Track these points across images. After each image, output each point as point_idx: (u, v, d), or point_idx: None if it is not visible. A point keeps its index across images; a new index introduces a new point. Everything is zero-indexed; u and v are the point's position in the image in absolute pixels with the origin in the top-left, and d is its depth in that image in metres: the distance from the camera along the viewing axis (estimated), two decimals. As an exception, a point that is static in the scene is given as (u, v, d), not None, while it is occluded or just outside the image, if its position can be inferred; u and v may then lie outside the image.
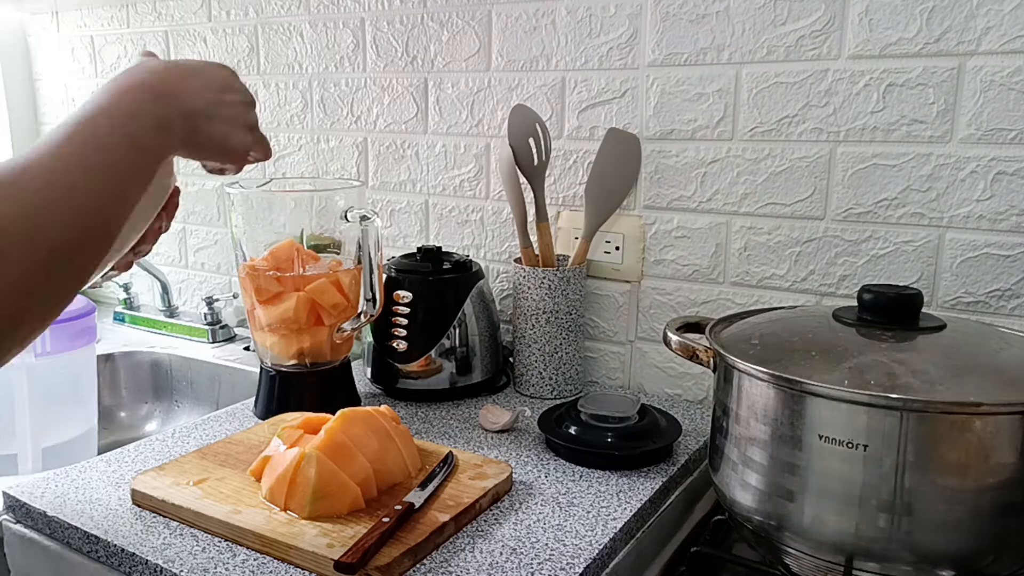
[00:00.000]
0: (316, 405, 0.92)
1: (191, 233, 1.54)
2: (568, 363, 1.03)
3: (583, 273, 1.03)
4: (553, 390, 1.03)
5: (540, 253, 1.04)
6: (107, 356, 1.35)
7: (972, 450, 0.58)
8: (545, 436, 0.87)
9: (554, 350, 1.02)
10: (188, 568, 0.64)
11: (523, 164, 1.01)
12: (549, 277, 1.00)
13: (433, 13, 1.16)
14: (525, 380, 1.04)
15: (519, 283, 1.02)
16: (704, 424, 0.95)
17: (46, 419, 1.08)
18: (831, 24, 0.89)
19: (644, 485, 0.79)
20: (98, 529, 0.70)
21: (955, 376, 0.62)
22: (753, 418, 0.66)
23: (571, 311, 1.01)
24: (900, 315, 0.68)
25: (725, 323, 0.77)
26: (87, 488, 0.78)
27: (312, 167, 1.35)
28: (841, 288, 0.93)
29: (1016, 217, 0.83)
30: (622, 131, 1.02)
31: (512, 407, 0.97)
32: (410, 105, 1.22)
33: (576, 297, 1.02)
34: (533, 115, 1.01)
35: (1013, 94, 0.81)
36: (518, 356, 1.05)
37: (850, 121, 0.89)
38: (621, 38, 1.02)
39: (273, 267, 0.93)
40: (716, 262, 1.00)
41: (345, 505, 0.70)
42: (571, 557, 0.66)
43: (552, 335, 1.01)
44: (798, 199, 0.94)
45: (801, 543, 0.64)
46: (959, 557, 0.60)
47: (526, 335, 1.02)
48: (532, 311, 1.01)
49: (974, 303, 0.86)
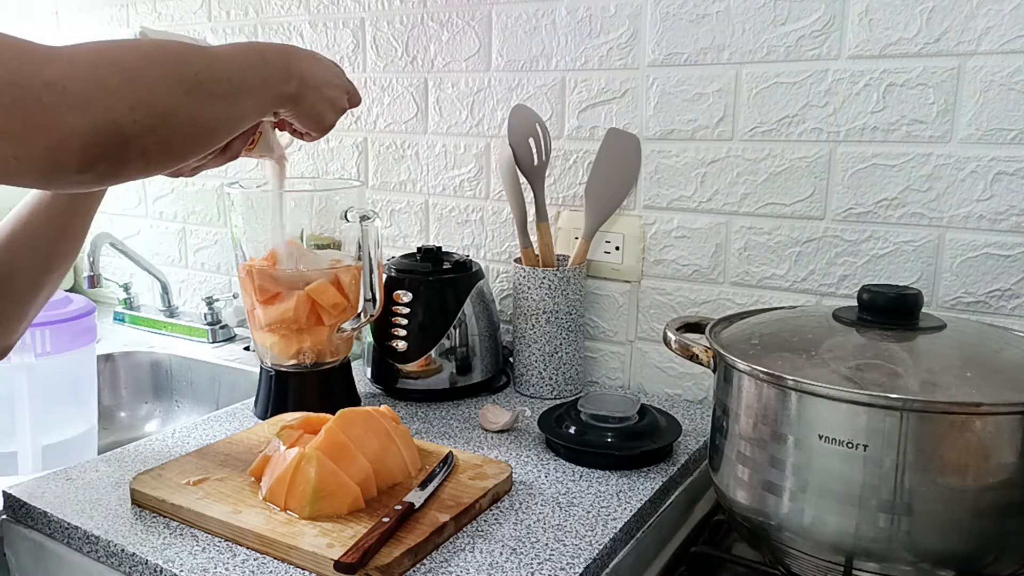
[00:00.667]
0: (316, 405, 0.92)
1: (191, 233, 1.54)
2: (568, 363, 1.03)
3: (583, 273, 1.03)
4: (553, 390, 1.03)
5: (540, 253, 1.04)
6: (107, 356, 1.35)
7: (972, 450, 0.58)
8: (545, 436, 0.87)
9: (554, 350, 1.02)
10: (188, 568, 0.64)
11: (523, 164, 1.01)
12: (549, 277, 1.00)
13: (433, 13, 1.16)
14: (525, 380, 1.04)
15: (519, 283, 1.02)
16: (704, 424, 0.95)
17: (46, 419, 1.08)
18: (831, 24, 0.89)
19: (644, 485, 0.79)
20: (98, 529, 0.70)
21: (955, 376, 0.62)
22: (753, 418, 0.66)
23: (571, 311, 1.01)
24: (900, 315, 0.68)
25: (725, 323, 0.77)
26: (87, 488, 0.78)
27: (312, 167, 1.35)
28: (841, 288, 0.93)
29: (1016, 217, 0.83)
30: (622, 131, 1.02)
31: (512, 407, 0.97)
32: (410, 105, 1.22)
33: (576, 297, 1.02)
34: (533, 115, 1.01)
35: (1013, 94, 0.81)
36: (518, 356, 1.05)
37: (850, 121, 0.89)
38: (621, 38, 1.02)
39: (273, 267, 0.93)
40: (716, 262, 1.00)
41: (345, 505, 0.70)
42: (571, 557, 0.66)
43: (552, 335, 1.01)
44: (798, 199, 0.94)
45: (801, 543, 0.64)
46: (959, 557, 0.60)
47: (526, 335, 1.02)
48: (532, 311, 1.01)
49: (974, 303, 0.86)
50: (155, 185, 1.56)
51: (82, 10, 1.59)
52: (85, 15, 1.59)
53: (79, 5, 1.58)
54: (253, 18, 1.36)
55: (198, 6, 1.42)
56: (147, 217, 1.60)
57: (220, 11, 1.40)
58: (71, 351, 1.09)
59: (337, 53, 1.27)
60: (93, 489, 0.78)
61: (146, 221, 1.60)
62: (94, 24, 1.57)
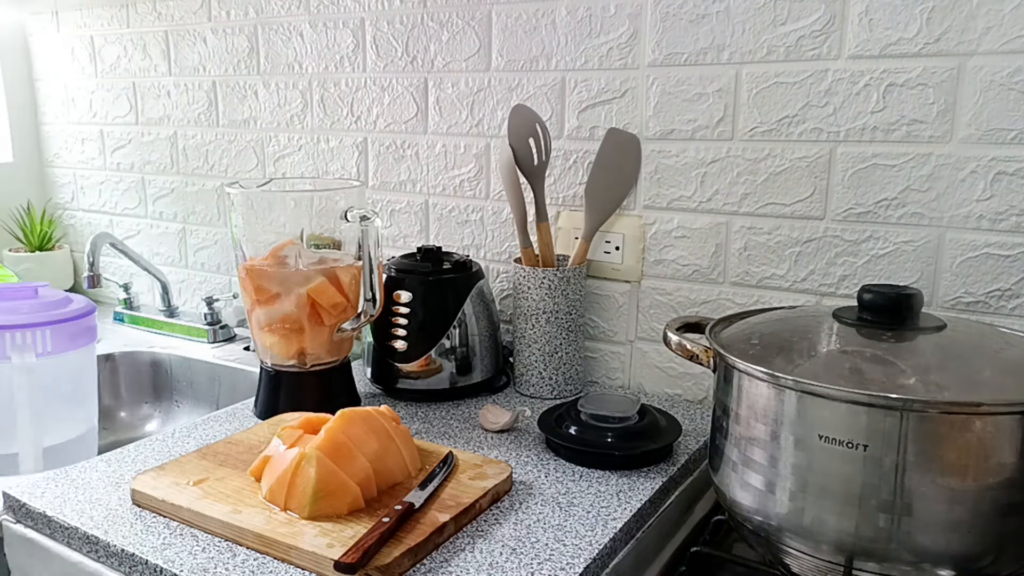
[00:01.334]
0: (316, 405, 0.92)
1: (191, 233, 1.54)
2: (568, 363, 1.03)
3: (583, 273, 1.03)
4: (553, 390, 1.03)
5: (540, 253, 1.04)
6: (107, 356, 1.35)
7: (972, 450, 0.58)
8: (545, 436, 0.87)
9: (554, 350, 1.02)
10: (188, 568, 0.64)
11: (523, 164, 1.01)
12: (549, 277, 1.00)
13: (433, 13, 1.16)
14: (525, 380, 1.04)
15: (519, 283, 1.02)
16: (704, 424, 0.95)
17: (46, 419, 1.08)
18: (831, 24, 0.89)
19: (644, 485, 0.79)
20: (98, 529, 0.70)
21: (955, 376, 0.62)
22: (753, 418, 0.66)
23: (571, 311, 1.01)
24: (900, 315, 0.68)
25: (725, 323, 0.77)
26: (87, 488, 0.78)
27: (312, 167, 1.35)
28: (841, 288, 0.93)
29: (1016, 217, 0.83)
30: (622, 131, 1.02)
31: (512, 407, 0.97)
32: (410, 105, 1.22)
33: (576, 297, 1.02)
34: (533, 115, 1.01)
35: (1013, 94, 0.81)
36: (518, 356, 1.05)
37: (850, 121, 0.89)
38: (621, 38, 1.02)
39: (273, 266, 0.93)
40: (716, 262, 1.00)
41: (345, 505, 0.70)
42: (571, 557, 0.66)
43: (552, 335, 1.01)
44: (798, 199, 0.94)
45: (801, 543, 0.64)
46: (959, 557, 0.60)
47: (526, 335, 1.02)
48: (532, 311, 1.01)
49: (974, 303, 0.86)
50: (155, 185, 1.56)
51: (82, 10, 1.59)
52: (85, 15, 1.59)
53: (79, 5, 1.58)
54: (253, 18, 1.36)
55: (198, 6, 1.42)
56: (147, 217, 1.60)
57: (220, 11, 1.40)
58: (71, 351, 1.09)
59: (337, 53, 1.27)
60: (93, 489, 0.78)
61: (146, 221, 1.60)
62: (94, 24, 1.57)
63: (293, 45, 1.32)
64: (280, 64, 1.34)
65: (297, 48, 1.32)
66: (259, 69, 1.37)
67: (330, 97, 1.30)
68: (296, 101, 1.34)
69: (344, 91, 1.28)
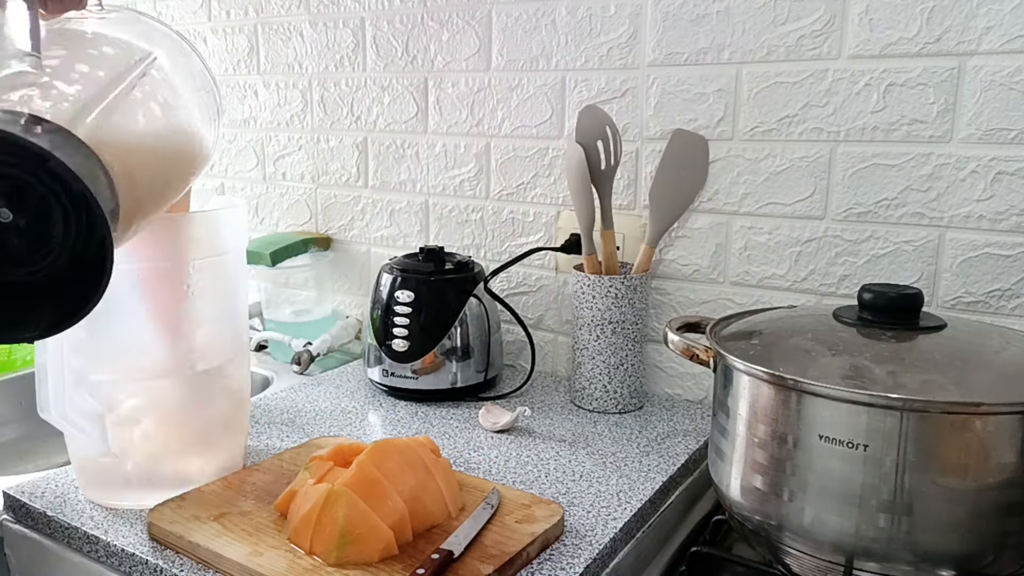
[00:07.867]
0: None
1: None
2: (634, 375, 0.99)
3: (649, 281, 0.99)
4: (618, 404, 0.98)
5: (603, 260, 0.99)
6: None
7: (972, 450, 0.58)
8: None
9: (620, 361, 0.97)
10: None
11: (592, 167, 0.96)
12: (616, 285, 0.96)
13: (433, 13, 1.16)
14: (588, 394, 0.99)
15: (581, 292, 0.97)
16: (704, 424, 0.95)
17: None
18: (831, 24, 0.89)
19: (644, 485, 0.79)
20: (98, 529, 0.70)
21: (955, 376, 0.62)
22: (753, 418, 0.66)
23: (637, 320, 0.97)
24: (900, 315, 0.68)
25: (725, 323, 0.77)
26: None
27: (312, 167, 1.35)
28: (841, 288, 0.93)
29: (1016, 217, 0.83)
30: (688, 132, 0.98)
31: (512, 407, 0.97)
32: (410, 105, 1.22)
33: (642, 306, 0.98)
34: (604, 116, 0.95)
35: (1013, 94, 0.81)
36: (579, 369, 1.00)
37: (850, 121, 0.89)
38: (621, 38, 1.02)
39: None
40: (716, 262, 1.00)
41: (376, 551, 0.62)
42: (571, 557, 0.66)
43: (618, 346, 0.96)
44: (798, 199, 0.94)
45: (801, 543, 0.64)
46: (959, 557, 0.60)
47: (589, 346, 0.98)
48: (597, 321, 0.96)
49: (974, 303, 0.86)
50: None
51: (82, 10, 1.58)
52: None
53: (79, 5, 1.58)
54: (253, 18, 1.36)
55: (198, 6, 1.42)
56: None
57: (220, 11, 1.40)
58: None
59: (337, 53, 1.27)
60: (93, 489, 0.78)
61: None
62: (94, 24, 1.57)
63: (293, 45, 1.32)
64: (280, 64, 1.34)
65: (297, 48, 1.32)
66: (259, 69, 1.37)
67: (330, 97, 1.30)
68: (296, 101, 1.34)
69: (344, 91, 1.28)
